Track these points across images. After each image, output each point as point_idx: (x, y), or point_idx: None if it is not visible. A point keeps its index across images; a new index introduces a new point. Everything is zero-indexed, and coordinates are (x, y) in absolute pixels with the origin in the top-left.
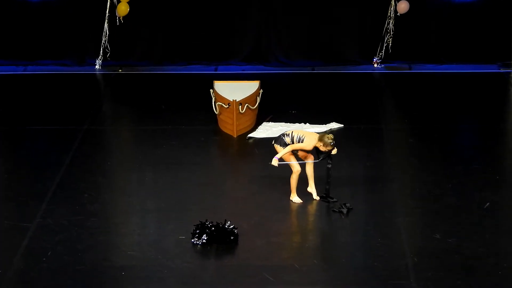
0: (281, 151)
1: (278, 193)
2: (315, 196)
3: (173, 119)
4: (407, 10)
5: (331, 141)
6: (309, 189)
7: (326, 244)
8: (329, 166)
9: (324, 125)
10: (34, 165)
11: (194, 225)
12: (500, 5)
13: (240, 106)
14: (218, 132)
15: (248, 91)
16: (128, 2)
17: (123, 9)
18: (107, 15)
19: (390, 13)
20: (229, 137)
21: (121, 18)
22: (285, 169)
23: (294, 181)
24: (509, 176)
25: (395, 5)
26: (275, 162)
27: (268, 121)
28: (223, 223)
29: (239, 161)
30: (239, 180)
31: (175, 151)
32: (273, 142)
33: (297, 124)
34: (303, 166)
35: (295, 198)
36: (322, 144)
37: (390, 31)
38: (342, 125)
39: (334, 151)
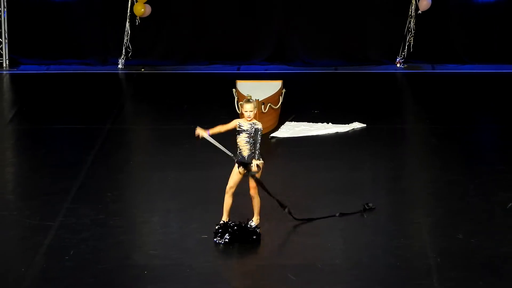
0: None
1: (300, 193)
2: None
3: (196, 119)
4: (429, 7)
5: (248, 98)
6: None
7: (348, 244)
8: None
9: (347, 124)
10: (57, 164)
11: (217, 225)
12: None
13: (262, 106)
14: None
15: (271, 90)
16: (146, 3)
17: (139, 9)
18: (128, 14)
19: (411, 12)
20: None
21: (138, 18)
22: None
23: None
24: None
25: (416, 3)
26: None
27: (291, 120)
28: (245, 222)
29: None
30: (261, 179)
31: (197, 151)
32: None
33: (319, 124)
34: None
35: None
36: (242, 108)
37: (411, 30)
38: (365, 125)
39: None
